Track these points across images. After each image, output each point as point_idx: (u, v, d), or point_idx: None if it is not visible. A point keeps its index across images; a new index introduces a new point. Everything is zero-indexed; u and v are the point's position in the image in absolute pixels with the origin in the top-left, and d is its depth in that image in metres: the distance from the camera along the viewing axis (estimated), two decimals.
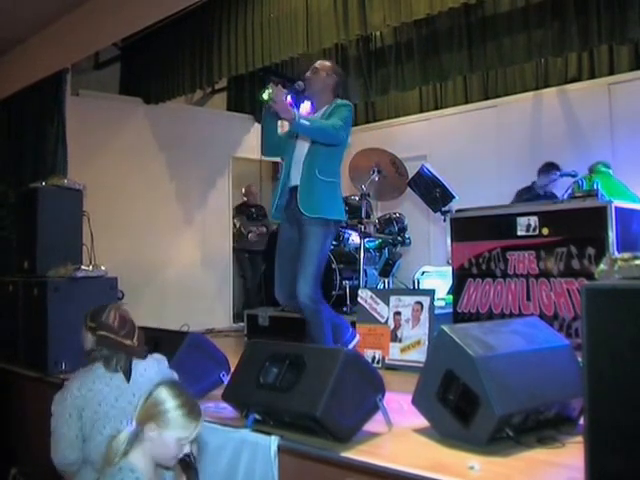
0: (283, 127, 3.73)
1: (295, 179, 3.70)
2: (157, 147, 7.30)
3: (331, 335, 3.77)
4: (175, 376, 2.56)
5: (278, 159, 7.62)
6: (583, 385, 1.89)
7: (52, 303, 4.27)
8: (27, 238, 4.69)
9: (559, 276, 3.98)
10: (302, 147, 3.72)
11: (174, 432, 1.98)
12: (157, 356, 2.61)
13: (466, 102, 7.45)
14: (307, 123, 3.51)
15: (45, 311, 4.27)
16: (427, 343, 4.18)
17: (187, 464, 2.05)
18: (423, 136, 7.61)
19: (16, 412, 4.42)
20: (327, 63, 3.89)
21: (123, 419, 2.36)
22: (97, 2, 6.04)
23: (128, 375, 2.45)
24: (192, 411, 2.02)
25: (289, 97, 3.70)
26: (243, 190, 8.20)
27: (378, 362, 4.34)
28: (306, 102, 4.02)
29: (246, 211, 8.07)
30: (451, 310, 4.55)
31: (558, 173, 5.10)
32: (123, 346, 2.47)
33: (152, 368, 2.52)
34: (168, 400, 2.00)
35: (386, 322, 4.46)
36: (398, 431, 2.70)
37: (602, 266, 2.01)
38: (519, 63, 6.30)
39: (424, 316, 4.30)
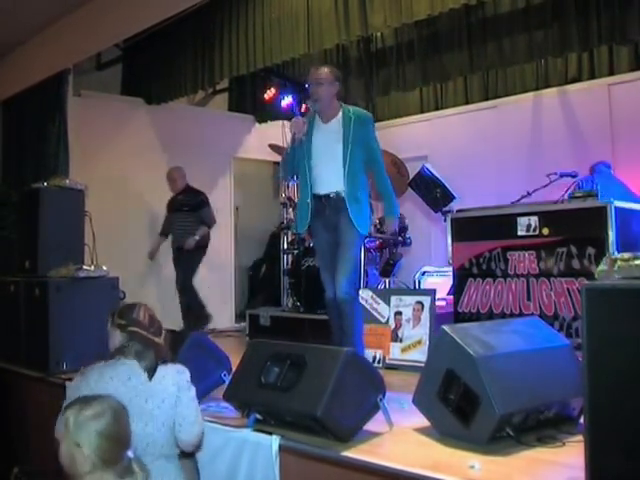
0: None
1: (321, 188, 3.78)
2: (159, 147, 7.31)
3: (362, 336, 3.87)
4: (192, 391, 2.51)
5: (279, 159, 7.74)
6: (583, 384, 1.90)
7: (54, 303, 4.27)
8: (29, 238, 4.70)
9: (559, 276, 3.99)
10: (330, 154, 3.76)
11: None
12: (179, 367, 2.55)
13: (466, 102, 7.46)
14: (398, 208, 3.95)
15: (46, 311, 4.27)
16: (428, 343, 4.18)
17: None
18: (424, 136, 7.62)
19: (17, 412, 4.43)
20: (326, 70, 3.84)
21: (132, 421, 2.35)
22: (99, 3, 6.05)
23: (151, 375, 2.42)
24: None
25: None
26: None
27: (379, 362, 4.34)
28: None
29: (175, 204, 6.45)
30: (452, 310, 4.56)
31: (558, 173, 5.10)
32: (154, 343, 2.47)
33: (170, 377, 2.47)
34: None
35: (387, 322, 4.47)
36: (399, 431, 2.71)
37: (602, 266, 2.02)
38: (519, 64, 6.32)
39: (425, 316, 4.31)
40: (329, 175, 3.75)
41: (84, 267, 4.46)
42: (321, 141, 3.79)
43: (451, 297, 4.82)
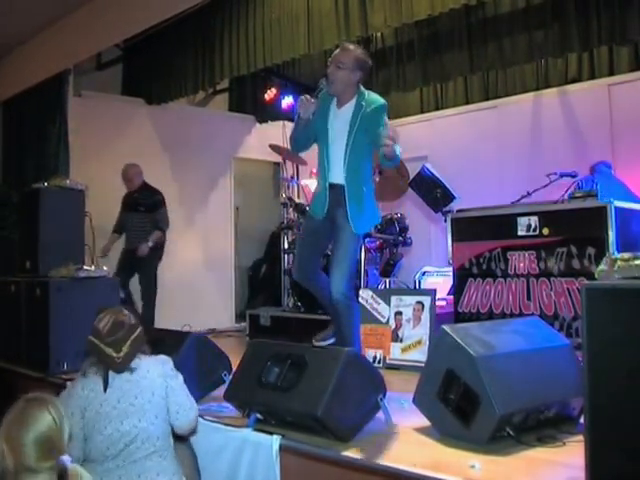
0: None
1: (333, 177, 3.59)
2: (159, 147, 7.31)
3: (359, 333, 3.78)
4: (180, 378, 2.56)
5: (279, 159, 7.76)
6: (583, 384, 1.90)
7: (54, 303, 4.28)
8: (29, 238, 4.70)
9: (559, 276, 3.99)
10: (339, 142, 3.57)
11: None
12: (162, 357, 2.59)
13: (467, 103, 7.46)
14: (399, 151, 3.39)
15: (47, 311, 4.27)
16: (428, 343, 4.19)
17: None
18: (424, 137, 7.61)
19: None
20: (350, 55, 3.57)
21: (124, 420, 2.38)
22: (99, 3, 6.06)
23: (105, 385, 2.41)
24: None
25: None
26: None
27: (379, 362, 4.35)
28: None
29: (130, 203, 6.18)
30: (452, 310, 4.56)
31: (558, 173, 5.11)
32: (102, 355, 2.43)
33: (155, 369, 2.51)
34: None
35: (387, 322, 4.47)
36: (399, 430, 2.72)
37: (602, 266, 2.03)
38: (520, 64, 6.32)
39: (425, 316, 4.31)
40: (336, 164, 3.57)
41: (84, 267, 4.47)
42: (335, 127, 3.60)
43: (451, 297, 4.82)
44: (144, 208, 6.05)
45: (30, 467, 1.85)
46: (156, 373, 2.49)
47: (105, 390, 2.42)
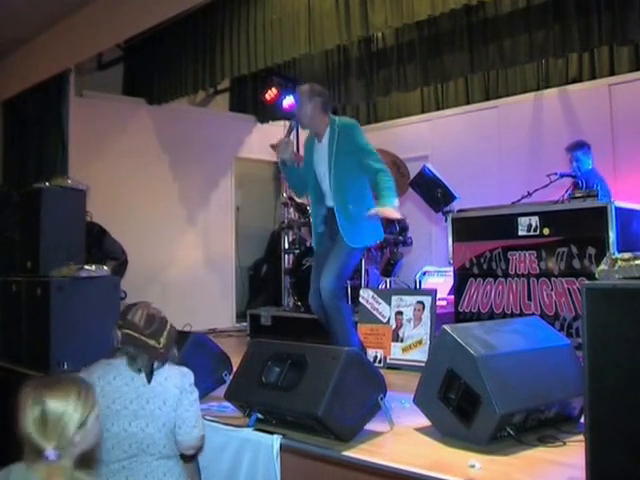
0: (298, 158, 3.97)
1: (328, 201, 3.88)
2: (160, 147, 7.32)
3: (354, 331, 3.88)
4: (195, 395, 2.50)
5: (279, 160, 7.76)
6: (584, 384, 1.90)
7: (55, 303, 4.27)
8: (30, 238, 4.70)
9: (560, 276, 4.00)
10: (324, 172, 3.85)
11: None
12: (183, 370, 2.53)
13: (467, 103, 7.46)
14: (396, 199, 3.67)
15: (48, 311, 4.27)
16: (428, 343, 4.19)
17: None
18: (425, 136, 7.62)
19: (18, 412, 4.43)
20: (305, 88, 3.90)
21: (132, 421, 2.35)
22: (100, 3, 6.06)
23: (149, 377, 2.41)
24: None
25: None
26: None
27: (380, 362, 4.35)
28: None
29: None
30: (453, 310, 4.56)
31: (558, 173, 5.11)
32: (147, 345, 2.43)
33: (173, 380, 2.46)
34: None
35: (388, 322, 4.48)
36: (399, 430, 2.72)
37: (602, 266, 2.03)
38: (520, 64, 6.31)
39: (426, 316, 4.32)
40: (328, 192, 3.86)
41: (85, 267, 4.47)
42: (318, 161, 3.88)
43: (452, 297, 4.83)
44: None
45: (27, 435, 1.78)
46: (173, 383, 2.45)
47: (149, 381, 2.40)
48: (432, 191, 5.25)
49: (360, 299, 4.69)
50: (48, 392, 1.78)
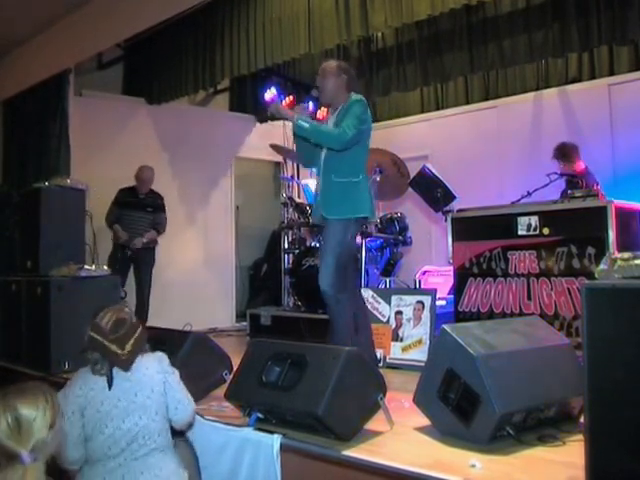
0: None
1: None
2: (160, 147, 7.32)
3: (352, 325, 3.84)
4: (177, 374, 2.57)
5: (280, 159, 7.78)
6: (583, 384, 1.91)
7: (55, 302, 4.28)
8: (30, 238, 4.70)
9: (559, 275, 4.00)
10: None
11: None
12: (158, 354, 2.59)
13: (467, 102, 7.47)
14: (305, 125, 3.61)
15: (48, 310, 4.28)
16: (428, 342, 4.20)
17: None
18: (424, 136, 7.63)
19: None
20: (333, 63, 3.89)
21: (125, 418, 2.38)
22: (100, 3, 6.06)
23: (110, 383, 2.41)
24: None
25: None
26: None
27: (380, 361, 4.35)
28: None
29: (134, 201, 6.30)
30: (452, 309, 4.56)
31: (558, 173, 5.12)
32: (107, 352, 2.42)
33: (153, 366, 2.51)
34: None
35: (387, 321, 4.48)
36: (399, 430, 2.72)
37: (602, 265, 2.03)
38: (520, 64, 6.33)
39: (425, 315, 4.32)
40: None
41: (85, 267, 4.47)
42: None
43: (452, 296, 4.83)
44: (151, 209, 6.31)
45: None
46: (154, 370, 2.50)
47: (110, 388, 2.41)
48: (432, 191, 5.25)
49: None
50: (19, 399, 1.82)
